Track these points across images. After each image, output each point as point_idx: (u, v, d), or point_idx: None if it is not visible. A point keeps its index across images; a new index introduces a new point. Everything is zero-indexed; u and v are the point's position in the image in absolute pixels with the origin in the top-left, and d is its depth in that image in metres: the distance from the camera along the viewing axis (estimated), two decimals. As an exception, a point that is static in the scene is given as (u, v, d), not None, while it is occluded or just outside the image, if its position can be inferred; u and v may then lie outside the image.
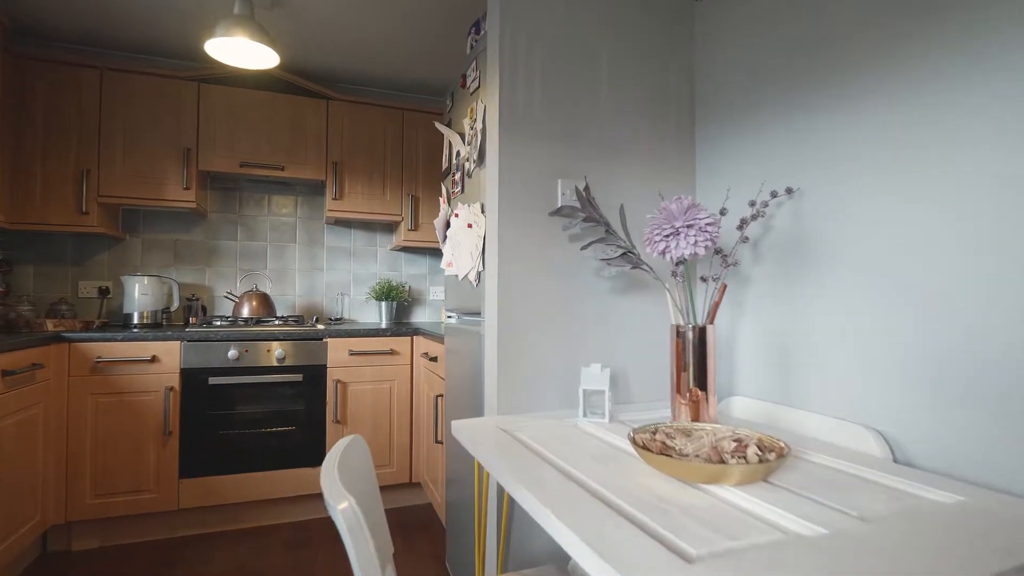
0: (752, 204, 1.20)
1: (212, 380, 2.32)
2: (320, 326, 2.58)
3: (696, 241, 1.11)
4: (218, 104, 2.61)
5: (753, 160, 1.39)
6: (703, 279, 1.27)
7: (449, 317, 2.05)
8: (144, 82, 2.51)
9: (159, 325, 2.56)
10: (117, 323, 2.67)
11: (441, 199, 2.06)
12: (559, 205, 1.46)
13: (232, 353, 2.33)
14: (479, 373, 1.64)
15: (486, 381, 1.47)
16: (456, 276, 1.83)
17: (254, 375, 2.38)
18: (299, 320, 2.78)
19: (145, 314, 2.50)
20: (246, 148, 2.65)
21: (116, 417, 2.20)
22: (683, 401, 1.15)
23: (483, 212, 1.58)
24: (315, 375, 2.48)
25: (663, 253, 1.16)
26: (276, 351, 2.40)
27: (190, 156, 2.56)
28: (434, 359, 2.31)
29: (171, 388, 2.26)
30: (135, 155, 2.48)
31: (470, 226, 1.68)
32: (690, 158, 1.62)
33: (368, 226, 3.18)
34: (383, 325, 2.94)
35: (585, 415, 1.28)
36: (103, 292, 2.67)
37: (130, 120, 2.48)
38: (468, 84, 1.74)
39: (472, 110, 1.68)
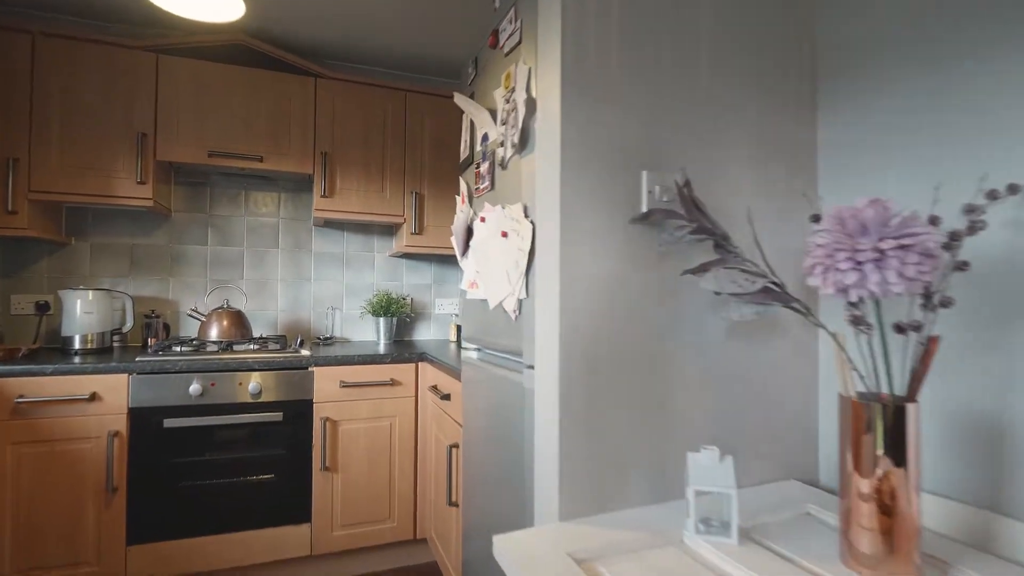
0: (970, 210, 0.76)
1: (169, 422, 1.86)
2: (305, 351, 2.12)
3: (919, 271, 0.67)
4: (181, 80, 2.15)
5: (925, 144, 0.95)
6: (899, 329, 0.83)
7: (469, 348, 1.61)
8: (88, 51, 2.04)
9: (107, 350, 2.09)
10: (55, 347, 2.20)
11: (459, 198, 1.61)
12: (645, 209, 1.01)
13: (195, 388, 1.87)
14: (520, 437, 1.20)
15: (539, 463, 1.02)
16: (483, 300, 1.38)
17: (222, 414, 1.92)
18: (281, 342, 2.32)
19: (90, 337, 2.04)
20: (216, 134, 2.18)
21: (45, 471, 1.73)
22: (863, 500, 0.72)
23: (527, 216, 1.14)
24: (299, 412, 2.02)
25: (845, 290, 0.72)
26: (251, 384, 1.94)
27: (146, 143, 2.09)
28: (446, 397, 1.86)
29: (116, 433, 1.80)
30: (77, 142, 2.01)
31: (505, 235, 1.23)
32: (810, 144, 1.18)
33: (364, 228, 2.72)
34: (381, 345, 2.49)
35: (698, 530, 0.84)
36: (41, 308, 2.20)
37: (70, 98, 2.01)
38: (502, 42, 1.29)
39: (509, 76, 1.23)
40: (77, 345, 2.02)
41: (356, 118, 2.40)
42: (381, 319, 2.56)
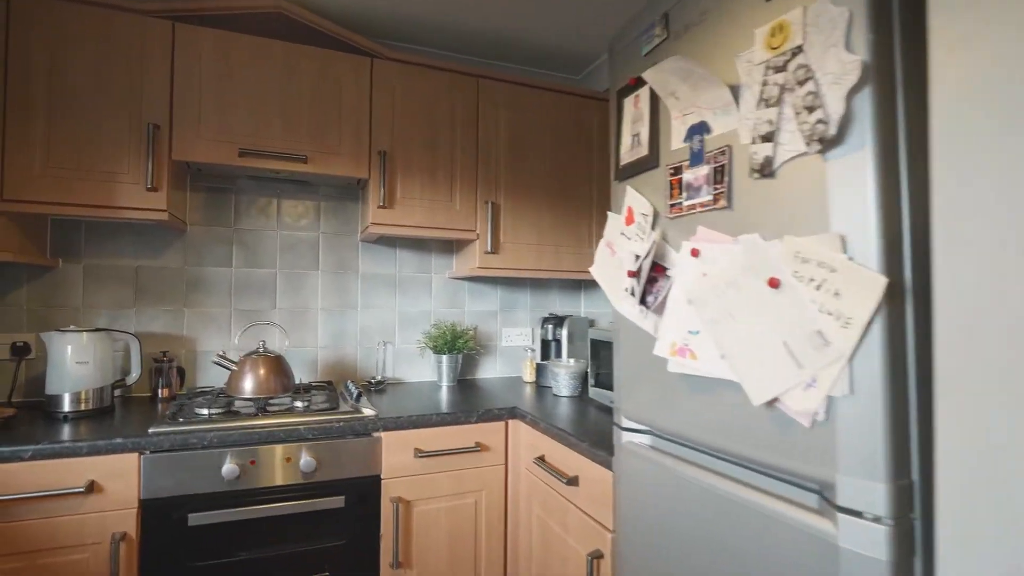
0: None
1: (196, 518, 1.36)
2: (368, 410, 1.62)
3: None
4: (205, 56, 1.65)
5: None
6: None
7: (630, 428, 1.13)
8: (83, 16, 1.53)
9: (107, 411, 1.59)
10: (38, 406, 1.69)
11: (619, 217, 1.14)
12: None
13: (229, 468, 1.38)
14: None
15: None
16: (700, 378, 0.90)
17: (267, 503, 1.43)
18: (328, 392, 1.83)
19: (85, 396, 1.53)
20: (248, 127, 1.69)
21: (21, 595, 1.23)
22: None
23: (847, 255, 0.67)
24: (363, 493, 1.53)
25: None
26: (302, 459, 1.45)
27: (159, 138, 1.59)
28: (572, 481, 1.39)
29: (122, 536, 1.30)
30: (67, 137, 1.51)
31: (776, 284, 0.77)
32: None
33: (420, 245, 2.24)
34: (443, 388, 2.02)
35: None
36: (19, 352, 1.69)
37: (60, 80, 1.51)
38: (757, -21, 0.82)
39: (781, 30, 0.77)
40: (67, 407, 1.51)
41: (420, 110, 1.91)
42: (444, 356, 2.08)
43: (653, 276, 1.02)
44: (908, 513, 0.67)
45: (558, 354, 2.16)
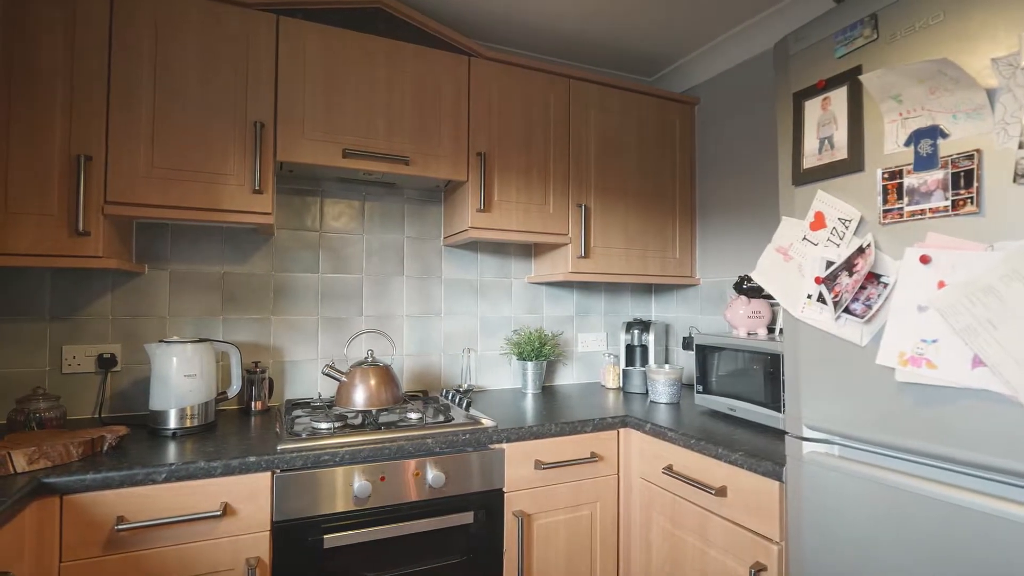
0: None
1: (332, 539, 1.29)
2: (488, 420, 1.56)
3: None
4: (309, 51, 1.58)
5: None
6: None
7: (813, 437, 1.11)
8: (187, 8, 1.45)
9: (210, 427, 1.49)
10: (138, 423, 1.59)
11: (803, 222, 1.11)
12: None
13: (361, 485, 1.31)
14: None
15: None
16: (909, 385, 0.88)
17: (399, 521, 1.36)
18: (430, 401, 1.77)
19: (191, 412, 1.43)
20: (352, 127, 1.62)
21: (155, 629, 1.14)
22: None
23: None
24: (488, 507, 1.48)
25: None
26: (429, 474, 1.39)
27: (264, 138, 1.51)
28: (720, 492, 1.35)
29: (256, 562, 1.22)
30: (173, 134, 1.42)
31: (1055, 293, 0.74)
32: None
33: (500, 249, 2.18)
34: (528, 395, 1.98)
35: None
36: (105, 364, 1.58)
37: (165, 72, 1.42)
38: (1024, -20, 0.80)
39: (1065, 33, 0.75)
40: (173, 423, 1.41)
41: (516, 111, 1.86)
42: (530, 363, 2.03)
43: (862, 283, 0.99)
44: None
45: (643, 360, 2.13)
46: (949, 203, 0.88)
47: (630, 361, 2.16)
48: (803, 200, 1.12)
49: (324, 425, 1.42)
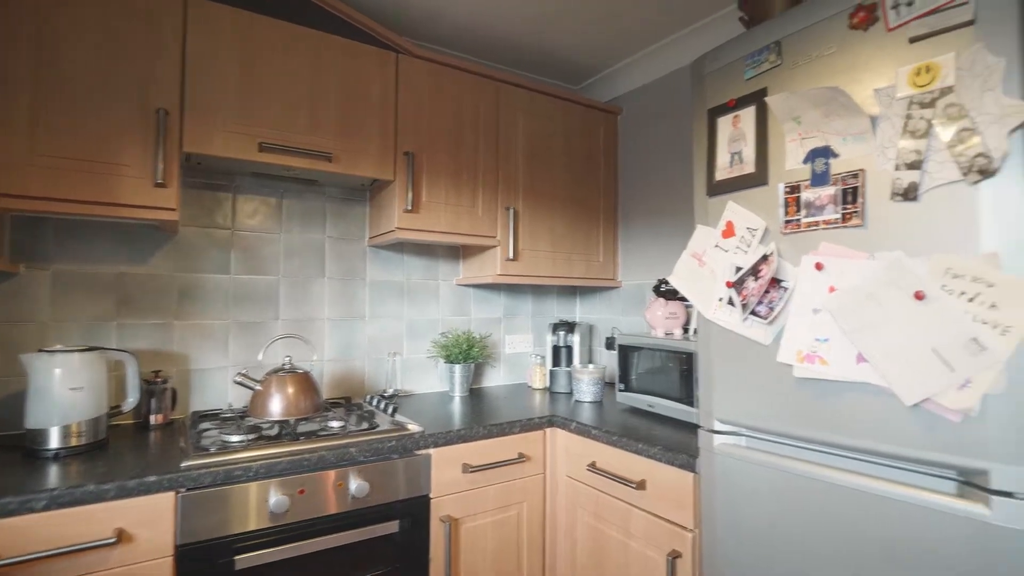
0: None
1: (244, 560, 1.20)
2: (414, 425, 1.53)
3: None
4: (222, 34, 1.47)
5: None
6: None
7: (722, 431, 1.19)
8: (75, -22, 1.30)
9: (101, 445, 1.35)
10: (11, 444, 1.40)
11: (714, 230, 1.19)
12: None
13: (277, 500, 1.24)
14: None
15: None
16: (805, 380, 0.97)
17: (320, 535, 1.30)
18: (353, 408, 1.71)
19: (76, 430, 1.28)
20: (271, 120, 1.53)
21: (33, 675, 1.01)
22: None
23: (1003, 271, 0.77)
24: (413, 515, 1.45)
25: None
26: (352, 483, 1.34)
27: (169, 127, 1.39)
28: (639, 484, 1.41)
29: (159, 590, 1.12)
30: (60, 120, 1.27)
31: (921, 297, 0.85)
32: None
33: (427, 251, 2.15)
34: (456, 398, 1.97)
35: None
36: (-32, 377, 1.38)
37: (50, 54, 1.26)
38: (895, 22, 0.90)
39: (928, 71, 0.85)
40: (55, 442, 1.25)
41: (446, 111, 1.85)
42: (458, 366, 2.02)
43: (766, 287, 1.08)
44: (1055, 494, 0.78)
45: (568, 360, 2.18)
46: (839, 216, 0.98)
47: (556, 362, 2.20)
48: (716, 210, 1.20)
49: (236, 438, 1.32)
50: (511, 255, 1.95)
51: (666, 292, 1.73)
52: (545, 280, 2.06)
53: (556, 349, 2.20)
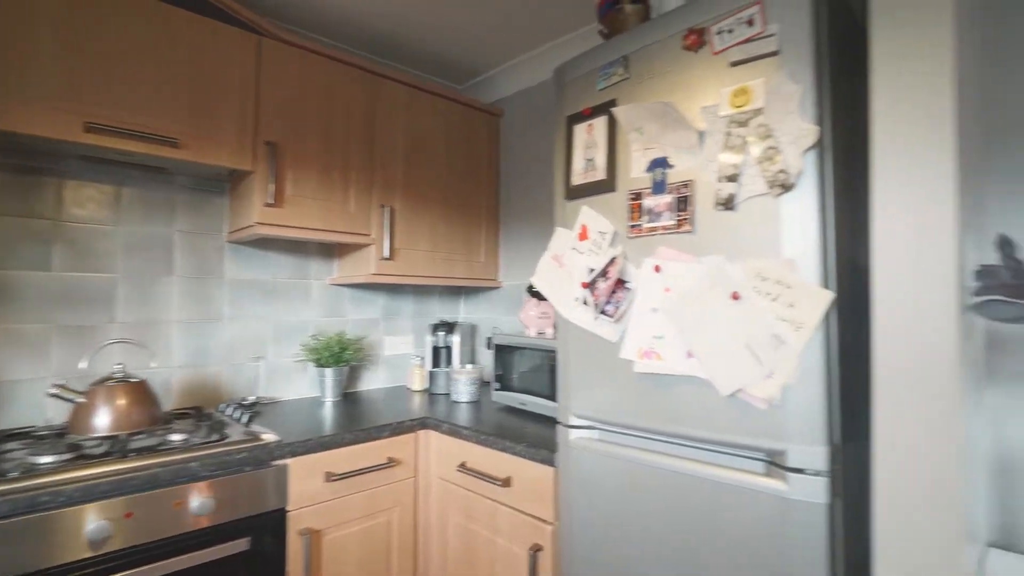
0: None
1: (50, 599, 1.05)
2: (270, 437, 1.43)
3: None
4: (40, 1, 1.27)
5: None
6: None
7: (578, 425, 1.24)
8: None
9: None
10: None
11: (571, 232, 1.23)
12: (978, 282, 0.85)
13: (96, 527, 1.09)
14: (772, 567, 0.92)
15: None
16: (651, 375, 1.05)
17: (153, 560, 1.16)
18: (202, 418, 1.56)
19: None
20: (104, 96, 1.35)
21: None
22: None
23: (797, 275, 0.88)
24: (268, 530, 1.35)
25: None
26: (193, 501, 1.22)
27: (-40, 95, 1.18)
28: (504, 481, 1.44)
29: (-71, 645, 0.94)
30: None
31: (737, 298, 0.95)
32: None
33: (298, 248, 2.02)
34: (327, 403, 1.89)
35: None
36: None
37: None
38: (720, 47, 0.99)
39: (744, 93, 0.95)
40: None
41: (317, 102, 1.75)
42: (329, 370, 1.93)
43: (613, 288, 1.14)
44: (834, 466, 0.90)
45: (448, 361, 2.17)
46: (675, 222, 1.06)
47: (436, 363, 2.18)
48: (572, 213, 1.25)
49: (47, 459, 1.15)
50: (387, 254, 1.89)
51: (537, 293, 1.78)
52: (424, 280, 2.04)
53: (436, 350, 2.18)
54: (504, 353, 1.83)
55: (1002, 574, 0.99)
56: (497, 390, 1.84)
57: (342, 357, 1.96)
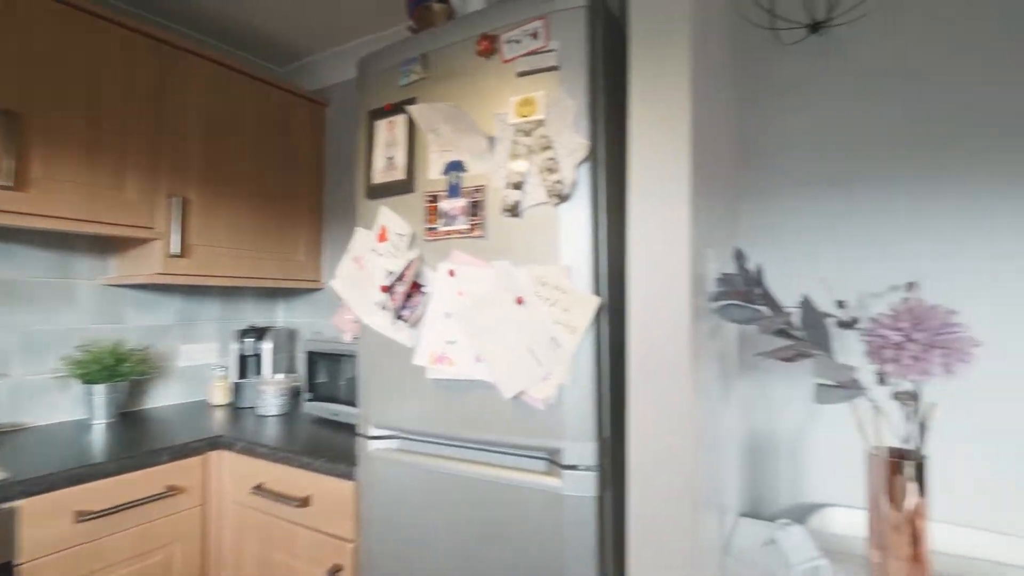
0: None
1: None
2: (-10, 473, 1.15)
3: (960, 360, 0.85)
4: None
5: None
6: (900, 397, 1.02)
7: (377, 435, 1.19)
8: None
9: None
10: None
11: (370, 233, 1.17)
12: (714, 288, 0.97)
13: None
14: (550, 557, 0.96)
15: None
16: (448, 380, 1.04)
17: None
18: None
19: None
20: None
21: None
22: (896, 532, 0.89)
23: (572, 280, 0.93)
24: (-17, 592, 1.08)
25: (898, 376, 0.87)
26: None
27: None
28: (302, 503, 1.32)
29: None
30: None
31: (521, 302, 0.98)
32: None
33: (59, 241, 1.67)
34: (97, 424, 1.60)
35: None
36: None
37: None
38: (509, 56, 1.01)
39: (530, 104, 0.98)
40: None
41: (78, 68, 1.46)
42: (100, 387, 1.62)
43: (409, 292, 1.11)
44: (603, 460, 0.96)
45: (258, 370, 1.97)
46: (468, 226, 1.05)
47: (245, 373, 1.96)
48: (373, 213, 1.19)
49: None
50: (177, 250, 1.65)
51: (355, 295, 1.68)
52: (227, 281, 1.82)
53: (244, 359, 1.96)
54: (318, 360, 1.71)
55: (747, 538, 1.15)
56: (309, 400, 1.71)
57: (118, 371, 1.66)
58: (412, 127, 1.14)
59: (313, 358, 1.71)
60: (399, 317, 1.11)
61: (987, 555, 1.06)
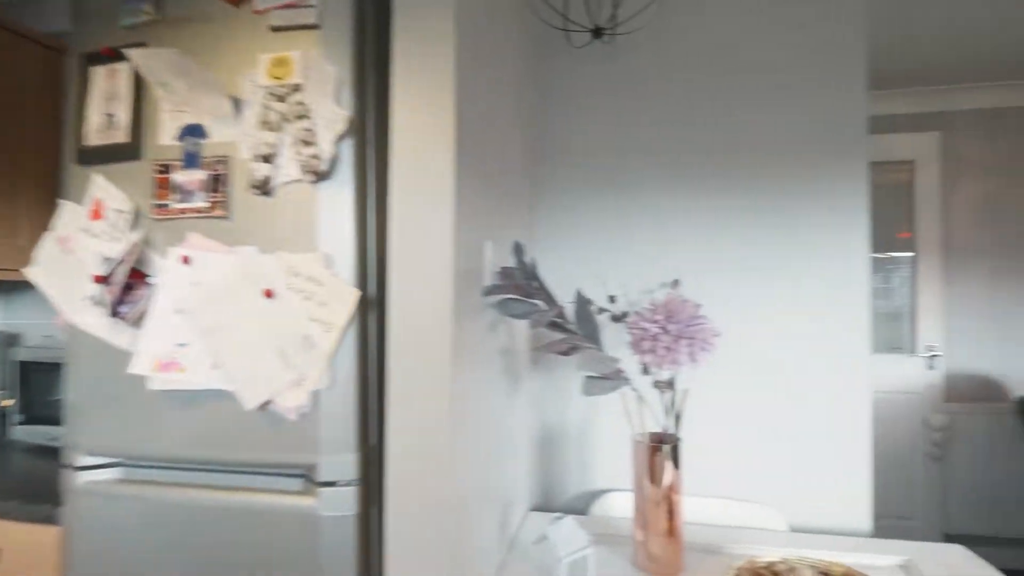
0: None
1: None
2: None
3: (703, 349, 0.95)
4: None
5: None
6: (659, 385, 1.09)
7: (92, 464, 0.94)
8: None
9: None
10: None
11: (83, 209, 0.92)
12: (493, 281, 0.93)
13: None
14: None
15: None
16: (180, 392, 0.86)
17: None
18: None
19: None
20: None
21: None
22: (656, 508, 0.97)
23: (331, 271, 0.83)
24: None
25: (655, 366, 0.94)
26: None
27: None
28: (-15, 561, 1.00)
29: None
30: None
31: (271, 295, 0.84)
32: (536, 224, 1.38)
33: None
34: None
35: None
36: None
37: None
38: (263, 6, 0.85)
39: (285, 64, 0.84)
40: None
41: None
42: None
43: (130, 283, 0.89)
44: (370, 473, 0.87)
45: (-50, 389, 1.48)
46: (207, 204, 0.87)
47: (-75, 393, 1.47)
48: (82, 183, 0.93)
49: None
50: None
51: (89, 289, 1.35)
52: None
53: (-76, 374, 1.46)
54: (34, 373, 1.33)
55: (533, 532, 1.14)
56: (21, 424, 1.33)
57: None
58: (141, 80, 0.91)
59: (27, 370, 1.33)
60: (116, 314, 0.88)
61: (731, 521, 1.20)
